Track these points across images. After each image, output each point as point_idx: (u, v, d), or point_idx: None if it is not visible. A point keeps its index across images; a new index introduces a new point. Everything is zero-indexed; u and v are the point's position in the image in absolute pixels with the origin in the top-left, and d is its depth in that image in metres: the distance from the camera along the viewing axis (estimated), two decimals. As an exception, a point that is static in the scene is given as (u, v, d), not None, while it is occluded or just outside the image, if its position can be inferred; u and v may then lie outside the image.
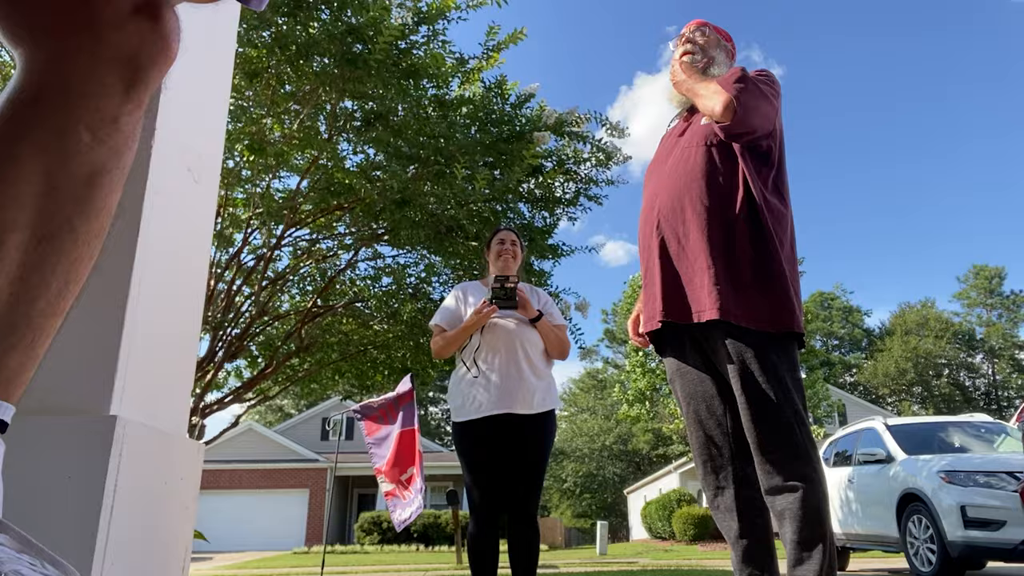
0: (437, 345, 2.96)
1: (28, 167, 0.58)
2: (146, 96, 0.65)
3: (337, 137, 5.84)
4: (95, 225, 0.63)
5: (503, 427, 2.80)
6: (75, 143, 0.60)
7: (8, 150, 0.58)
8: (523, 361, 2.88)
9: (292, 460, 24.43)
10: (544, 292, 3.18)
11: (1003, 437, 7.19)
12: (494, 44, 5.69)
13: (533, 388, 2.86)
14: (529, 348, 2.91)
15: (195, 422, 6.52)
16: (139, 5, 0.63)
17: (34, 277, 0.59)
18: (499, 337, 2.88)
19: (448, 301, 3.07)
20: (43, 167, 0.59)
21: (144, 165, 1.28)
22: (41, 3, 0.60)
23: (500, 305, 2.85)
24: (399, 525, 2.94)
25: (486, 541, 2.76)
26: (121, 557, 1.14)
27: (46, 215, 0.59)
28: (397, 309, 6.80)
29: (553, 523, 27.93)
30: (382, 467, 3.05)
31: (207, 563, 15.62)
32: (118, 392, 1.18)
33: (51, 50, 0.59)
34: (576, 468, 45.53)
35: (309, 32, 4.82)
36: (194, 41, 1.48)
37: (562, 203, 6.35)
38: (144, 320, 1.26)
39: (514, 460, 2.81)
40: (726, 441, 1.95)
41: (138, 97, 0.64)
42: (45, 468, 1.12)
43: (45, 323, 0.62)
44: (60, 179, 0.59)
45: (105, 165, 0.62)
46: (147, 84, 0.65)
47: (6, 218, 0.57)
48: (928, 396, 45.98)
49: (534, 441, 2.83)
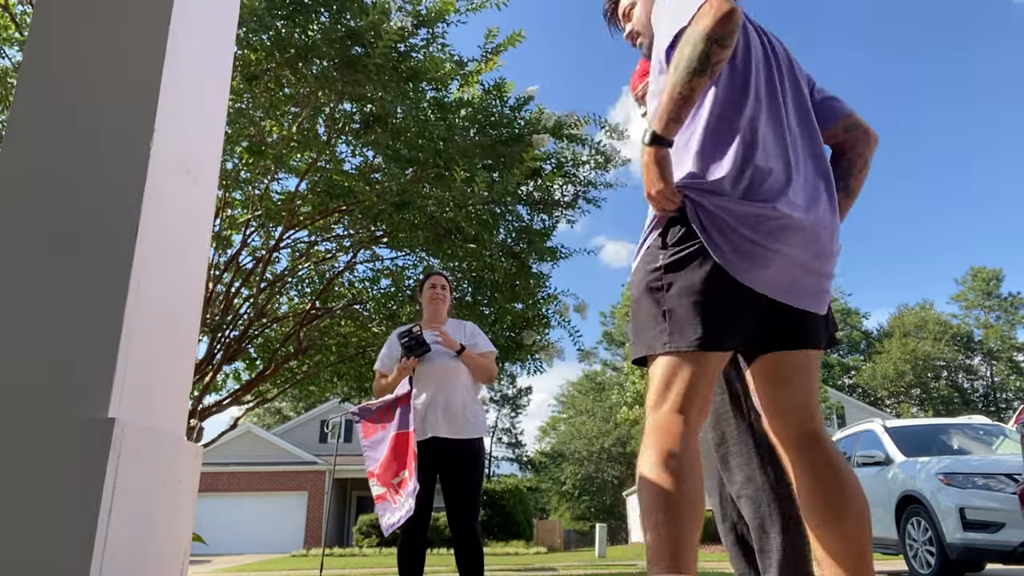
0: (377, 388, 3.35)
1: None
2: None
3: (336, 139, 5.84)
4: None
5: (433, 451, 3.13)
6: None
7: None
8: (452, 391, 3.23)
9: (290, 463, 24.41)
10: (471, 324, 3.55)
11: (1002, 439, 7.19)
12: (493, 47, 5.70)
13: (460, 415, 3.21)
14: (456, 379, 3.27)
15: (193, 424, 6.51)
16: None
17: None
18: (430, 370, 3.25)
19: (385, 348, 3.46)
20: None
21: (142, 166, 1.28)
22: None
23: (415, 354, 3.19)
24: (387, 529, 2.94)
25: (410, 550, 3.09)
26: (119, 560, 1.14)
27: None
28: (396, 311, 6.80)
29: (552, 525, 27.90)
30: (375, 470, 3.04)
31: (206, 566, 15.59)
32: (116, 394, 1.18)
33: None
34: (575, 471, 45.50)
35: (308, 35, 4.82)
36: (193, 42, 1.48)
37: (561, 206, 6.35)
38: (142, 322, 1.26)
39: (448, 482, 3.14)
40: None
41: None
42: (43, 470, 1.12)
43: None
44: None
45: None
46: None
47: None
48: (927, 398, 46.00)
49: (466, 464, 3.16)
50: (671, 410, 1.40)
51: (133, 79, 1.33)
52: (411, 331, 3.21)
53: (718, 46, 1.38)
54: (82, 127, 1.31)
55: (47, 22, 1.37)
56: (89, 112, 1.31)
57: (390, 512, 2.95)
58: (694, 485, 1.34)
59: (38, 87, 1.33)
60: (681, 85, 1.39)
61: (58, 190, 1.27)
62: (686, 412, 1.40)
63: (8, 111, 4.11)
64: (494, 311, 6.64)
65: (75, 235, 1.25)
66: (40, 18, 1.37)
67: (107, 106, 1.32)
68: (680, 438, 1.37)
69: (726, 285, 1.42)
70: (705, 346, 1.40)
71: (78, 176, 1.28)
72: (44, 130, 1.31)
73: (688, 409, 1.40)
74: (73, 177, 1.28)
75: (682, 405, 1.40)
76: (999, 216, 66.90)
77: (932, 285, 74.72)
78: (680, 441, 1.37)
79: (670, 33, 1.49)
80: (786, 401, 1.51)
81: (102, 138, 1.30)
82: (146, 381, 1.28)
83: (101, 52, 1.35)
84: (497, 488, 25.02)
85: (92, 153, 1.29)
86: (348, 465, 21.87)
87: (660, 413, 1.42)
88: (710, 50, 1.38)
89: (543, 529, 26.94)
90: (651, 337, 1.46)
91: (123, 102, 1.32)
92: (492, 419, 50.20)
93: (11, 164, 1.28)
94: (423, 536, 3.13)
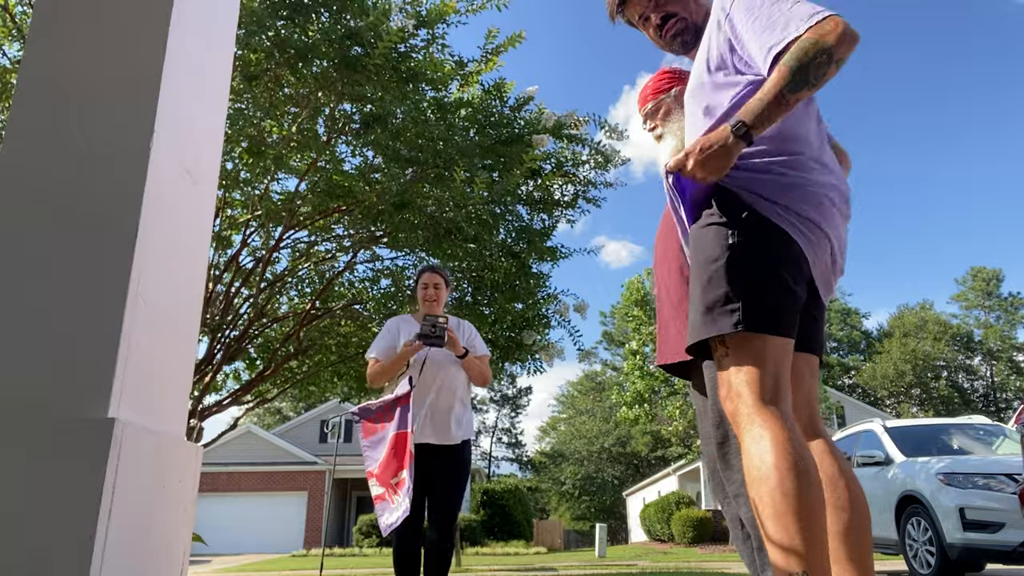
0: (372, 372, 3.25)
1: None
2: None
3: (336, 140, 5.84)
4: None
5: (426, 454, 3.14)
6: None
7: None
8: (450, 397, 3.23)
9: (290, 463, 24.40)
10: (468, 324, 3.50)
11: (1002, 439, 7.19)
12: (493, 47, 5.70)
13: (456, 421, 3.23)
14: (456, 385, 3.26)
15: (193, 424, 6.51)
16: None
17: None
18: (431, 375, 3.22)
19: (382, 334, 3.38)
20: None
21: (142, 166, 1.28)
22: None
23: (428, 343, 3.11)
24: (385, 530, 2.94)
25: (406, 551, 3.09)
26: (119, 560, 1.14)
27: None
28: (396, 311, 6.80)
29: (552, 526, 27.89)
30: (374, 470, 3.04)
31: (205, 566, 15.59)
32: (116, 394, 1.18)
33: None
34: (575, 471, 45.49)
35: (308, 36, 4.82)
36: (193, 42, 1.48)
37: (560, 205, 6.35)
38: (142, 322, 1.26)
39: (436, 483, 3.15)
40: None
41: None
42: (43, 470, 1.12)
43: None
44: None
45: None
46: None
47: None
48: (927, 398, 45.99)
49: (453, 467, 3.19)
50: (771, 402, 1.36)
51: (133, 79, 1.33)
52: (438, 320, 3.15)
53: (835, 66, 1.39)
54: (82, 127, 1.31)
55: (47, 22, 1.37)
56: (89, 112, 1.32)
57: (388, 512, 2.95)
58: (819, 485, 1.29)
59: (38, 87, 1.33)
60: (791, 95, 1.39)
61: (58, 190, 1.27)
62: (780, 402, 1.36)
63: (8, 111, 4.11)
64: (494, 311, 6.64)
65: (75, 236, 1.25)
66: (40, 18, 1.37)
67: (107, 106, 1.32)
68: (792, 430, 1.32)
69: (799, 266, 1.44)
70: (784, 331, 1.38)
71: (78, 177, 1.28)
72: (44, 130, 1.31)
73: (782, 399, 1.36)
74: (73, 177, 1.28)
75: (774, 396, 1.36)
76: (999, 216, 66.98)
77: (932, 285, 74.75)
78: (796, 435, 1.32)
79: (770, 43, 1.46)
80: (793, 398, 1.51)
81: (102, 138, 1.30)
82: (146, 381, 1.28)
83: (101, 52, 1.35)
84: (497, 488, 25.02)
85: (92, 153, 1.29)
86: (348, 465, 21.87)
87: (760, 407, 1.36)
88: (828, 70, 1.39)
89: (543, 529, 26.93)
90: (721, 317, 1.41)
91: (123, 102, 1.32)
92: (492, 419, 50.24)
93: (11, 164, 1.29)
94: (419, 536, 3.13)
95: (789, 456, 1.26)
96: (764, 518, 1.28)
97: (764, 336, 1.37)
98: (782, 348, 1.38)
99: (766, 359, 1.36)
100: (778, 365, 1.36)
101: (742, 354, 1.38)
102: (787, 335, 1.39)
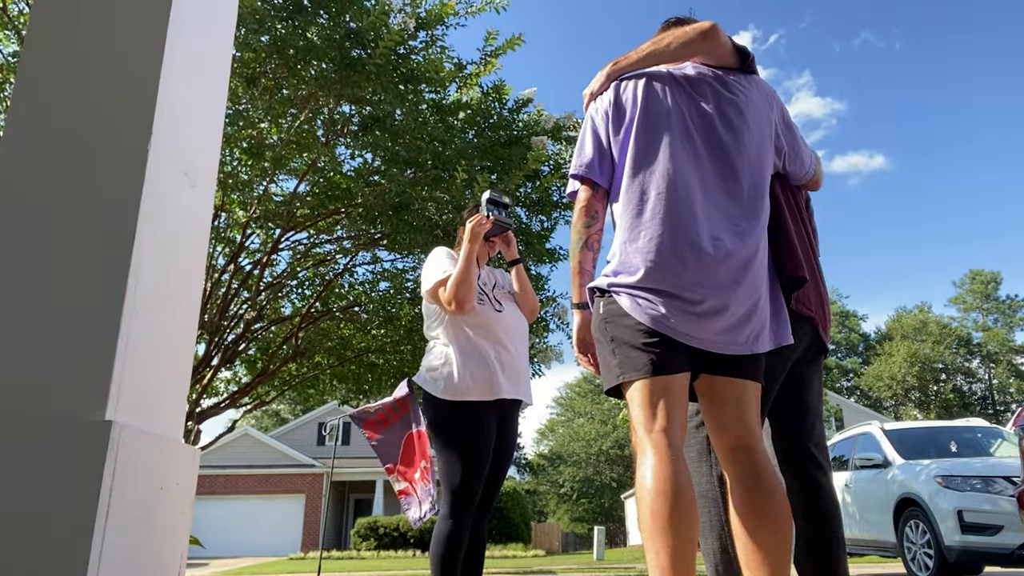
0: (452, 289, 2.57)
1: None
2: None
3: (335, 141, 5.84)
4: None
5: (500, 411, 2.63)
6: None
7: None
8: (521, 346, 2.74)
9: (288, 465, 24.36)
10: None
11: (1000, 442, 7.19)
12: (492, 49, 5.70)
13: (526, 372, 2.76)
14: (522, 333, 2.78)
15: (191, 427, 6.50)
16: None
17: None
18: (501, 319, 2.69)
19: (440, 258, 2.83)
20: None
21: (140, 168, 1.28)
22: None
23: (498, 220, 2.66)
24: (415, 523, 2.88)
25: (461, 538, 2.46)
26: (116, 563, 1.13)
27: None
28: (395, 313, 6.80)
29: (550, 528, 27.87)
30: (394, 465, 2.98)
31: (203, 569, 15.56)
32: (113, 397, 1.17)
33: None
34: (573, 473, 45.47)
35: (307, 37, 4.82)
36: (191, 43, 1.48)
37: (559, 207, 6.36)
38: (140, 324, 1.26)
39: (497, 452, 2.61)
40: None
41: None
42: (41, 472, 1.11)
43: None
44: None
45: None
46: None
47: None
48: (926, 401, 46.02)
49: (515, 431, 2.73)
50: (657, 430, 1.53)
51: (132, 80, 1.33)
52: (503, 197, 2.74)
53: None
54: (80, 128, 1.30)
55: (46, 22, 1.36)
56: (88, 113, 1.31)
57: (415, 507, 2.89)
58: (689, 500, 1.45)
59: (37, 87, 1.33)
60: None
61: (56, 191, 1.27)
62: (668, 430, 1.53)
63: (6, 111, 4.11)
64: (493, 313, 6.63)
65: (73, 237, 1.24)
66: (39, 18, 1.37)
67: (106, 107, 1.32)
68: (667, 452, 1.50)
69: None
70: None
71: (76, 177, 1.28)
72: (43, 131, 1.30)
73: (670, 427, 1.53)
74: (71, 178, 1.27)
75: (663, 425, 1.53)
76: (997, 219, 67.12)
77: (930, 288, 74.89)
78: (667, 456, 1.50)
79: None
80: (719, 418, 1.64)
81: (100, 139, 1.30)
82: (143, 384, 1.27)
83: (100, 52, 1.35)
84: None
85: (90, 154, 1.29)
86: (346, 468, 21.83)
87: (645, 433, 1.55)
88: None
89: (541, 532, 26.91)
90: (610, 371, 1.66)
91: (121, 103, 1.32)
92: (490, 421, 50.04)
93: (10, 165, 1.28)
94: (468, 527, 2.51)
95: (659, 481, 1.43)
96: (641, 533, 1.47)
97: (642, 379, 1.55)
98: (663, 386, 1.54)
99: (649, 397, 1.54)
100: (664, 400, 1.53)
101: (631, 395, 1.58)
102: (661, 374, 1.55)
